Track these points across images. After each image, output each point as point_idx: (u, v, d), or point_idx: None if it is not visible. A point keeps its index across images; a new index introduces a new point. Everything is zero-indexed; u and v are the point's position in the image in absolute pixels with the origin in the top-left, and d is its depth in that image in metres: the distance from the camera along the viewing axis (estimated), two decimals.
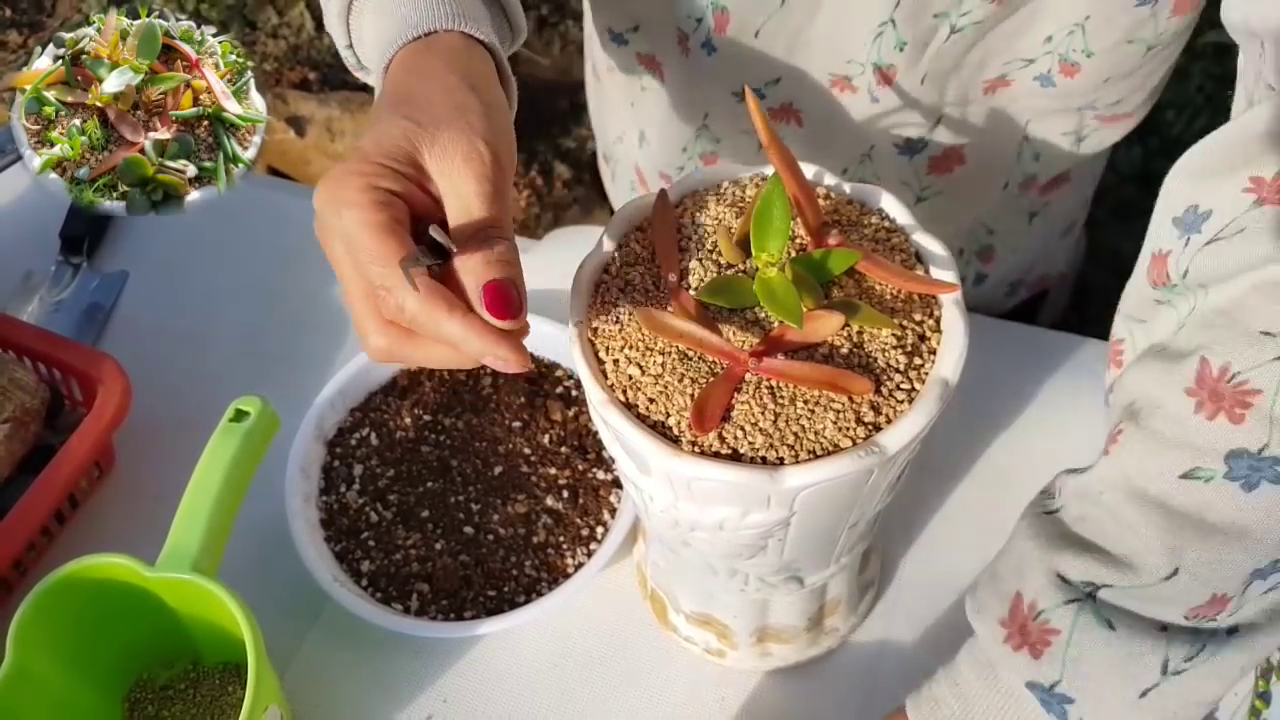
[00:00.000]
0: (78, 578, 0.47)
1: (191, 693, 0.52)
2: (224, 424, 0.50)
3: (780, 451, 0.36)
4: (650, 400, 0.37)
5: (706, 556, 0.43)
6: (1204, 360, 0.37)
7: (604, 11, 0.64)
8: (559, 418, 0.59)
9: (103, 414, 0.56)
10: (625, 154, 0.77)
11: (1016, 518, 0.57)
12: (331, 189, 0.38)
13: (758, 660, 0.52)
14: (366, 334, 0.38)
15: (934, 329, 0.38)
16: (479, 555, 0.55)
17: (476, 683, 0.53)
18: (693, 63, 0.62)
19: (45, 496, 0.54)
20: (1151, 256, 0.44)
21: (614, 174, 0.82)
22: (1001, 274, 0.74)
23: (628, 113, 0.73)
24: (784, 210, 0.37)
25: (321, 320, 0.68)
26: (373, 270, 0.36)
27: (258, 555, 0.56)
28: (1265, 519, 0.36)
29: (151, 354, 0.65)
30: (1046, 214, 0.71)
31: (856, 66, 0.58)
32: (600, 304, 0.40)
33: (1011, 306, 0.78)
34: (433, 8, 0.42)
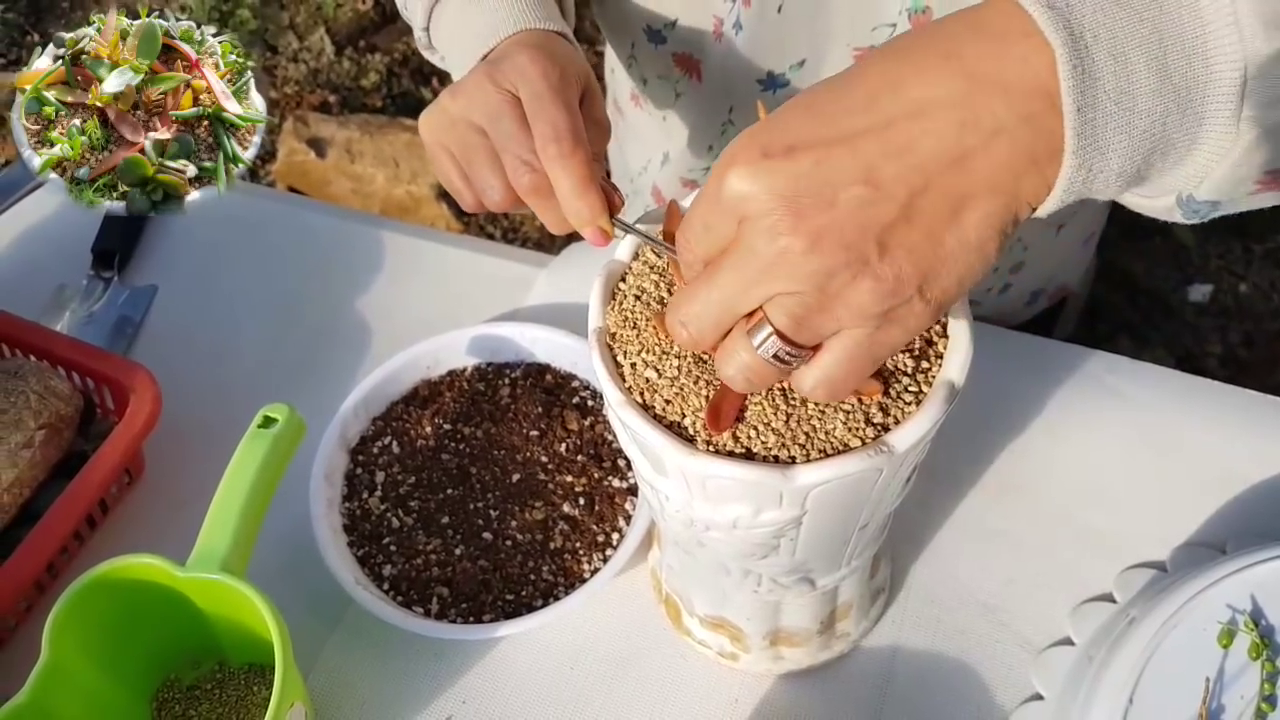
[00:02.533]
0: (112, 577, 0.49)
1: (217, 693, 0.53)
2: (253, 429, 0.51)
3: (792, 451, 0.37)
4: (667, 402, 0.39)
5: (720, 557, 0.44)
6: None
7: (642, 12, 0.65)
8: (575, 427, 0.60)
9: (134, 422, 0.58)
10: (645, 183, 0.78)
11: (1025, 527, 0.58)
12: (453, 91, 0.48)
13: (770, 664, 0.53)
14: (486, 189, 0.47)
15: (940, 334, 0.40)
16: (497, 560, 0.56)
17: (495, 684, 0.54)
18: (725, 48, 0.62)
19: (78, 501, 0.56)
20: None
21: (626, 208, 0.83)
22: (1025, 284, 0.75)
23: (656, 134, 0.73)
24: None
25: (344, 332, 0.69)
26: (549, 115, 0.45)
27: (283, 560, 0.57)
28: None
29: (180, 365, 0.67)
30: (1073, 223, 0.72)
31: (884, 31, 0.57)
32: (617, 311, 0.42)
33: (1031, 316, 0.79)
34: (521, 7, 0.51)
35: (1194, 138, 0.31)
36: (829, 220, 0.31)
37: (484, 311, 0.69)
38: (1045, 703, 0.52)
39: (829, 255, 0.31)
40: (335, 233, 0.75)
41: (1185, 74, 0.30)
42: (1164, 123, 0.31)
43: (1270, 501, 0.57)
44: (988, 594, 0.56)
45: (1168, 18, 0.30)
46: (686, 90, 0.68)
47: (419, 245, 0.75)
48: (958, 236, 0.32)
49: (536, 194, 0.46)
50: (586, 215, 0.45)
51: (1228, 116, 0.31)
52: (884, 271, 0.31)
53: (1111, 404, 0.62)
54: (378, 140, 1.65)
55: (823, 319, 0.32)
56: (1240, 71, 0.30)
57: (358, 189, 1.64)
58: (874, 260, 0.31)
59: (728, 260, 0.33)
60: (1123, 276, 1.51)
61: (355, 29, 1.90)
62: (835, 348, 0.33)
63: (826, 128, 0.32)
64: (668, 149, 0.73)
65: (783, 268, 0.32)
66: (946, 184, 0.31)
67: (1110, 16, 0.30)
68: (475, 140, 0.47)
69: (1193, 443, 0.60)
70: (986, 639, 0.54)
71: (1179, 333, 1.49)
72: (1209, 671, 0.47)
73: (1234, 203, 0.34)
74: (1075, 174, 0.31)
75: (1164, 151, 0.32)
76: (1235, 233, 1.57)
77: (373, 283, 0.72)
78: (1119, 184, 0.32)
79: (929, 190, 0.31)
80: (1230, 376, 0.76)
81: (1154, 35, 0.30)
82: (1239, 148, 0.31)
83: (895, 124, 0.31)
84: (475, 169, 0.47)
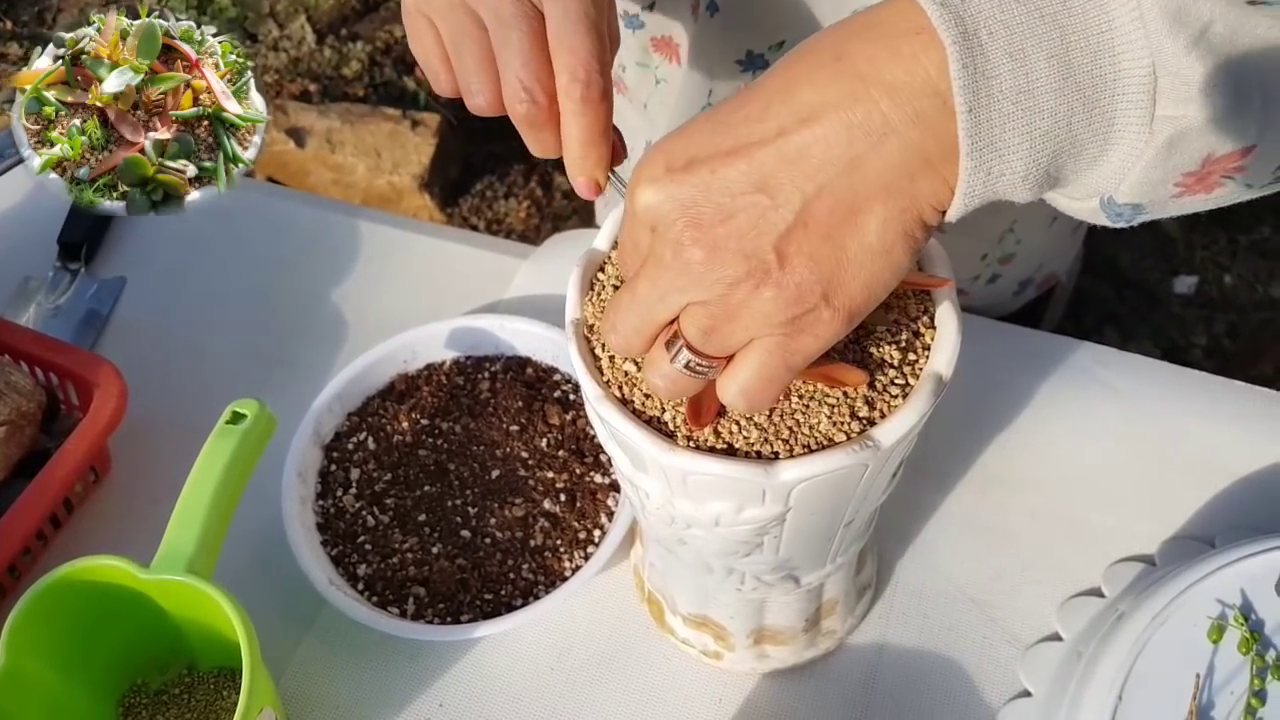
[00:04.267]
0: (72, 580, 0.47)
1: (186, 698, 0.52)
2: (221, 426, 0.50)
3: (775, 446, 0.36)
4: (646, 396, 0.37)
5: (703, 555, 0.43)
6: None
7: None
8: (557, 421, 0.59)
9: (98, 418, 0.56)
10: (627, 171, 0.76)
11: (1012, 521, 0.57)
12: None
13: (755, 662, 0.52)
14: (471, 88, 0.41)
15: (928, 325, 0.39)
16: (476, 559, 0.55)
17: (473, 686, 0.53)
18: (702, 29, 0.61)
19: (40, 500, 0.54)
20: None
21: (609, 199, 0.81)
22: (1014, 274, 0.75)
23: (638, 121, 0.72)
24: None
25: (319, 326, 0.68)
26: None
27: (254, 560, 0.56)
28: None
29: (149, 359, 0.65)
30: (1064, 214, 0.71)
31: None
32: (595, 302, 0.40)
33: (1019, 306, 0.78)
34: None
35: (1105, 138, 0.30)
36: (727, 230, 0.31)
37: (464, 304, 0.68)
38: (1033, 699, 0.51)
39: (729, 265, 0.31)
40: (311, 223, 0.74)
41: (1091, 72, 0.29)
42: (1069, 123, 0.30)
43: (1259, 494, 0.57)
44: (975, 589, 0.55)
45: (1071, 14, 0.29)
46: (667, 76, 0.67)
47: (397, 236, 0.73)
48: (859, 242, 0.31)
49: (530, 125, 0.41)
50: (588, 167, 0.41)
51: (1139, 116, 0.29)
52: (785, 279, 0.31)
53: (1100, 396, 0.61)
54: (359, 130, 1.63)
55: (731, 329, 0.32)
56: (1149, 68, 0.29)
57: (338, 179, 1.62)
58: (774, 268, 0.31)
59: (644, 270, 0.33)
60: (1108, 268, 1.51)
61: (337, 17, 1.87)
62: (749, 357, 0.33)
63: (725, 138, 0.32)
64: (650, 136, 0.71)
65: (687, 278, 0.32)
66: (841, 188, 0.31)
67: (1008, 13, 0.29)
68: (470, 29, 0.41)
69: (1182, 435, 0.59)
70: (974, 635, 0.53)
71: (1164, 324, 1.49)
72: (1199, 667, 0.46)
73: (1158, 205, 0.33)
74: (973, 176, 0.30)
75: (1074, 153, 0.30)
76: (1220, 224, 1.57)
77: (349, 274, 0.71)
78: (1028, 187, 0.31)
79: (823, 195, 0.31)
80: (1215, 367, 0.76)
81: (1056, 31, 0.29)
82: (1152, 148, 0.30)
83: (787, 131, 0.31)
84: (462, 60, 0.42)
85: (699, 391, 0.36)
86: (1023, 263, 0.73)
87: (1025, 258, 0.73)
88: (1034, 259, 0.74)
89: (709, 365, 0.34)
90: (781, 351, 0.33)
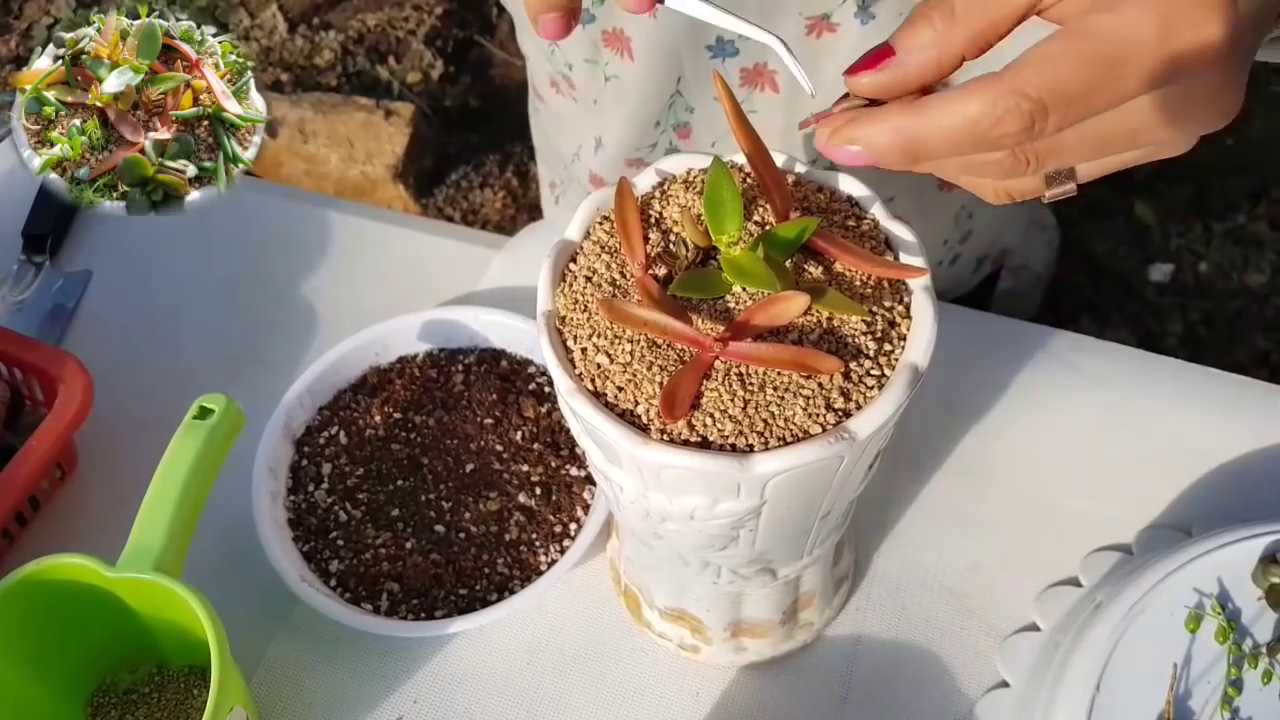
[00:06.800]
0: (36, 579, 0.46)
1: (156, 697, 0.51)
2: (188, 421, 0.49)
3: (750, 439, 0.35)
4: (619, 389, 0.37)
5: (678, 549, 0.43)
6: None
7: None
8: (531, 414, 0.58)
9: (64, 413, 0.55)
10: (580, 170, 0.75)
11: (990, 510, 0.57)
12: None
13: (732, 655, 0.51)
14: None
15: (904, 315, 0.38)
16: (450, 554, 0.54)
17: (448, 682, 0.53)
18: (660, 22, 0.59)
19: (5, 497, 0.53)
20: None
21: (561, 196, 0.80)
22: (971, 252, 0.77)
23: (585, 119, 0.70)
24: (733, 190, 0.37)
25: (290, 319, 0.67)
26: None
27: (224, 556, 0.55)
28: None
29: (116, 354, 0.64)
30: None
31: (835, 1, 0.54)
32: (567, 293, 0.40)
33: (977, 283, 0.80)
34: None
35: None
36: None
37: (437, 295, 0.67)
38: (1011, 690, 0.51)
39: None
40: (281, 214, 0.73)
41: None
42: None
43: (1236, 482, 0.57)
44: (952, 580, 0.55)
45: None
46: (619, 71, 0.65)
47: (370, 227, 0.72)
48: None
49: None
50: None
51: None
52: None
53: (1077, 384, 0.61)
54: (331, 120, 1.61)
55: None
56: None
57: (311, 170, 1.60)
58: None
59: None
60: (1084, 257, 1.52)
61: (309, 6, 1.85)
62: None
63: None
64: (600, 134, 0.70)
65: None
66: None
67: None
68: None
69: (1159, 423, 0.59)
70: (951, 625, 0.53)
71: (1140, 312, 1.50)
72: (1176, 657, 0.46)
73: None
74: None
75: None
76: (1195, 212, 1.58)
77: (321, 266, 0.70)
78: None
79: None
80: (1191, 355, 0.76)
81: None
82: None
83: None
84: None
85: (674, 382, 0.36)
86: (979, 238, 0.76)
87: (981, 233, 0.75)
88: (989, 233, 0.77)
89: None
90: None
